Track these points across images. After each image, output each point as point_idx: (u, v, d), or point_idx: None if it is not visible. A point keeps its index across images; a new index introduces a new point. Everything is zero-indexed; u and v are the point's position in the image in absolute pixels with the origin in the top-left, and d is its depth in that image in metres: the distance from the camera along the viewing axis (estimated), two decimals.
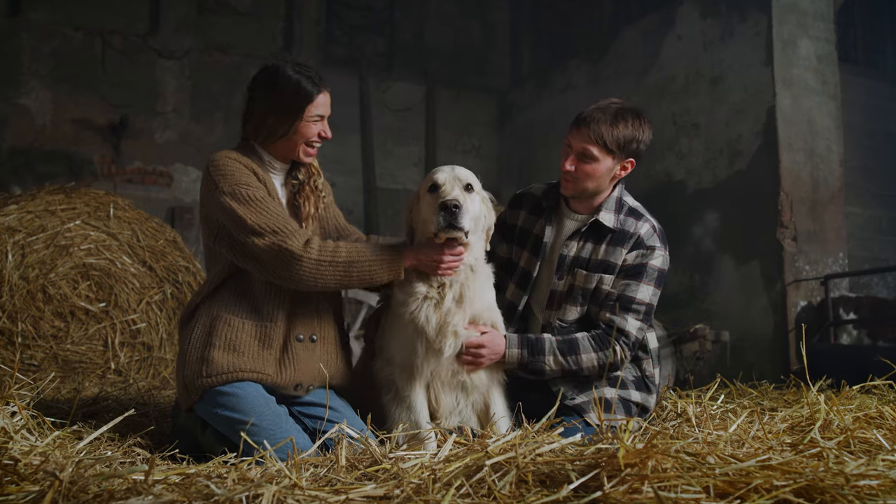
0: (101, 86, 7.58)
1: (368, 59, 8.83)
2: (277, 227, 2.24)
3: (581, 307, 2.55)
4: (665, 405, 2.87)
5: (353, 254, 2.27)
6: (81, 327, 4.63)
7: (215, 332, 2.29)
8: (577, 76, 8.15)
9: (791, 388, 3.45)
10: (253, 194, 2.27)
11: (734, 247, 6.16)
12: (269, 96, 2.36)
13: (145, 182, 7.67)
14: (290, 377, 2.33)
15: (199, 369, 2.26)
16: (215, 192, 2.28)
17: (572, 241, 2.59)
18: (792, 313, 5.69)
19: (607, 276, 2.52)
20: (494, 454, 1.67)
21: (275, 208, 2.29)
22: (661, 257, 2.56)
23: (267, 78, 2.38)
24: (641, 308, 2.49)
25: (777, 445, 1.91)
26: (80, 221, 4.89)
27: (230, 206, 2.25)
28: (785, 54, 5.93)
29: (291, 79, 2.35)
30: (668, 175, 6.80)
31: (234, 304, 2.34)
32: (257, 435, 2.12)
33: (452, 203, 2.23)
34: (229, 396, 2.23)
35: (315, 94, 2.38)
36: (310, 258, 2.22)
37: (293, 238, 2.24)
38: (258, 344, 2.31)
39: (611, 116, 2.48)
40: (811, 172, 5.90)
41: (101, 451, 2.14)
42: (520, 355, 2.42)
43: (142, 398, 3.51)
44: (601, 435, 1.86)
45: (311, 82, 2.38)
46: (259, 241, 2.22)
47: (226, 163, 2.32)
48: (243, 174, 2.31)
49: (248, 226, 2.23)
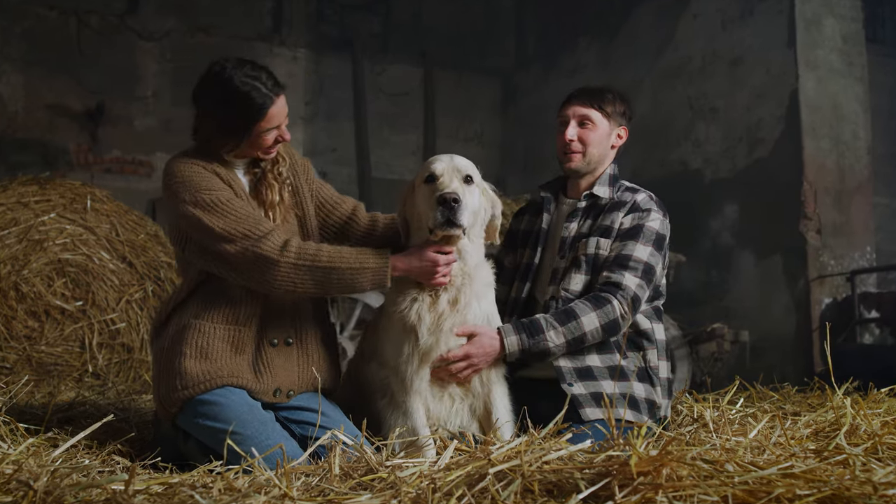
0: (76, 69, 7.56)
1: (362, 39, 8.81)
2: (248, 230, 2.21)
3: (585, 275, 2.61)
4: (681, 409, 2.87)
5: (336, 259, 2.24)
6: (57, 327, 4.63)
7: (184, 341, 2.28)
8: (586, 57, 8.13)
9: (815, 390, 3.45)
10: (217, 198, 2.24)
11: (754, 241, 6.16)
12: (215, 111, 2.28)
13: (124, 172, 7.66)
14: (267, 383, 2.32)
15: (172, 383, 2.25)
16: (176, 202, 2.25)
17: (571, 221, 2.71)
18: (816, 311, 5.69)
19: (604, 239, 2.61)
20: (498, 462, 1.67)
21: (243, 210, 2.26)
22: (659, 220, 2.64)
23: (210, 87, 2.28)
24: (639, 266, 2.55)
25: (800, 452, 1.91)
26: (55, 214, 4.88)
27: (194, 215, 2.22)
28: (809, 34, 5.91)
29: (239, 91, 2.23)
30: (683, 164, 6.79)
31: (205, 309, 2.32)
32: (242, 444, 2.11)
33: (452, 197, 2.21)
34: (210, 405, 2.22)
35: (268, 107, 2.27)
36: (287, 262, 2.20)
37: (267, 241, 2.21)
38: (231, 349, 2.30)
39: (597, 89, 2.74)
40: (837, 160, 5.89)
41: (77, 460, 2.14)
42: (519, 341, 2.43)
43: (121, 403, 3.51)
44: (612, 441, 1.86)
45: (261, 94, 2.25)
46: (230, 247, 2.20)
47: (182, 168, 2.28)
48: (203, 178, 2.27)
49: (216, 234, 2.21)
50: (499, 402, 2.44)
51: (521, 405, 2.47)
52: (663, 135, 6.93)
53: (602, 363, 2.57)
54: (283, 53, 8.30)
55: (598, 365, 2.56)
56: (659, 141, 6.95)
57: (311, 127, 8.32)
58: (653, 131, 6.93)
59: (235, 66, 2.27)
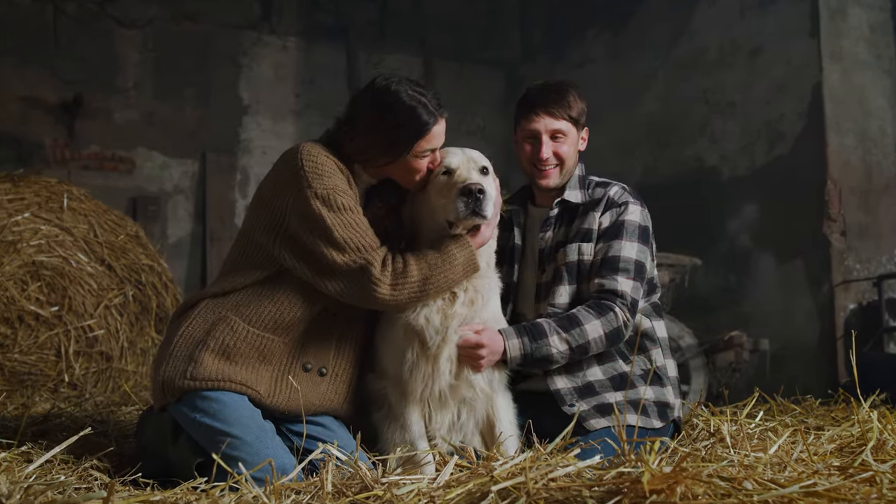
0: (52, 59, 7.56)
1: (358, 27, 8.82)
2: (362, 244, 2.27)
3: (570, 286, 2.64)
4: (697, 423, 2.88)
5: (425, 268, 2.30)
6: (31, 334, 4.63)
7: (213, 333, 2.30)
8: (595, 48, 8.14)
9: (839, 403, 3.45)
10: (346, 203, 2.29)
11: (774, 243, 6.15)
12: (377, 122, 2.34)
13: (104, 169, 7.65)
14: (283, 403, 2.34)
15: (183, 369, 2.27)
16: (304, 188, 2.27)
17: (545, 231, 2.75)
18: (840, 318, 5.69)
19: (585, 244, 2.64)
20: (501, 479, 1.67)
21: (362, 222, 2.32)
22: (638, 212, 2.68)
23: (377, 99, 2.35)
24: (630, 266, 2.59)
25: (823, 469, 1.91)
26: (30, 214, 4.89)
27: (319, 211, 2.25)
28: (833, 23, 5.91)
29: (406, 105, 2.32)
30: (698, 161, 6.79)
31: (246, 307, 2.34)
32: (238, 449, 2.13)
33: (477, 187, 2.28)
34: (212, 402, 2.23)
35: (431, 126, 2.36)
36: (385, 283, 2.26)
37: (375, 259, 2.27)
38: (256, 355, 2.32)
39: (556, 93, 2.72)
40: (863, 157, 5.89)
41: (53, 476, 2.14)
42: (521, 345, 2.45)
43: (99, 415, 3.51)
44: (623, 457, 1.86)
45: (427, 111, 2.35)
46: (339, 256, 2.25)
47: (323, 161, 2.32)
48: (339, 178, 2.32)
49: (334, 238, 2.25)
50: (502, 415, 2.45)
51: (525, 419, 2.48)
52: (677, 131, 6.93)
53: (604, 374, 2.59)
54: (273, 42, 8.30)
55: (599, 378, 2.58)
56: (672, 137, 6.95)
57: (302, 120, 8.32)
58: (666, 127, 6.93)
59: (402, 82, 2.37)
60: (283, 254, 2.33)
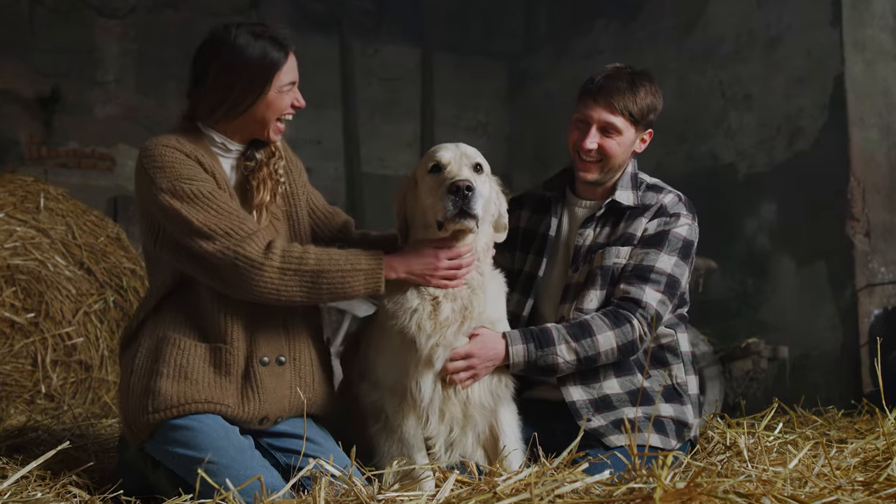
0: (28, 51, 7.56)
1: (352, 17, 8.82)
2: (231, 228, 2.24)
3: (601, 290, 2.61)
4: (712, 436, 2.87)
5: (324, 261, 2.26)
6: (6, 343, 4.63)
7: (162, 358, 2.29)
8: (603, 39, 8.14)
9: (863, 414, 3.45)
10: (198, 189, 2.26)
11: (794, 244, 6.15)
12: (227, 68, 2.33)
13: (82, 166, 7.66)
14: (255, 409, 2.33)
15: (144, 403, 2.26)
16: (152, 188, 2.27)
17: (586, 228, 2.70)
18: (864, 324, 5.68)
19: (625, 248, 2.60)
20: (504, 495, 1.67)
21: (227, 205, 2.28)
22: (688, 226, 2.64)
23: (220, 45, 2.35)
24: (661, 279, 2.55)
25: (846, 484, 1.91)
26: (4, 214, 4.89)
27: (171, 205, 2.24)
28: (856, 11, 5.92)
29: (252, 44, 2.33)
30: (714, 157, 6.80)
31: (183, 321, 2.34)
32: (217, 475, 2.11)
33: (465, 184, 2.25)
34: (183, 430, 2.23)
35: (283, 59, 2.38)
36: (272, 266, 2.22)
37: (251, 242, 2.23)
38: (213, 370, 2.31)
39: (628, 83, 2.61)
40: (887, 153, 5.89)
41: (29, 493, 2.14)
42: (525, 351, 2.44)
43: (78, 428, 3.51)
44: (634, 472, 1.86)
45: (276, 45, 2.37)
46: (209, 245, 2.22)
47: (163, 153, 2.30)
48: (185, 166, 2.29)
49: (194, 228, 2.22)
50: (506, 427, 2.45)
51: (532, 428, 2.47)
52: (692, 125, 6.93)
53: (622, 388, 2.57)
54: None
55: (616, 391, 2.57)
56: (686, 132, 6.95)
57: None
58: (680, 121, 6.93)
59: (240, 24, 2.37)
60: (167, 256, 2.34)
